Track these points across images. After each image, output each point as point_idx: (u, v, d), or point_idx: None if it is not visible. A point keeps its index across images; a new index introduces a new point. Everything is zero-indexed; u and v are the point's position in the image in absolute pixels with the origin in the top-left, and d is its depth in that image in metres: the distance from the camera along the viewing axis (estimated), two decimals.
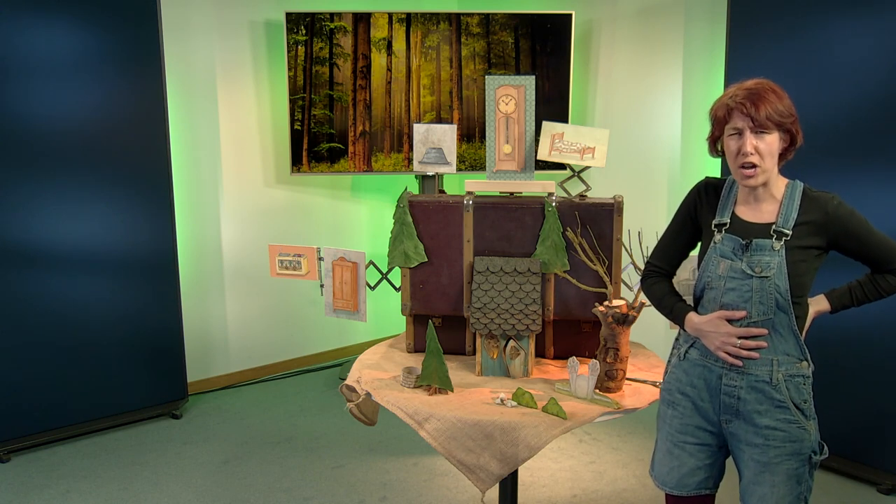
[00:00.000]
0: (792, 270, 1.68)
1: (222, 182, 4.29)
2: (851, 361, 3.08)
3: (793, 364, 1.71)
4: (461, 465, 1.95)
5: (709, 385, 1.78)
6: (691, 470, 1.82)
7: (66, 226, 3.42)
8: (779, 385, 1.70)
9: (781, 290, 1.68)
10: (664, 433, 1.88)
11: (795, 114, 1.70)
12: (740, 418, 1.73)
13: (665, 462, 1.86)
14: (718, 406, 1.76)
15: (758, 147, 1.67)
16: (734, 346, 1.71)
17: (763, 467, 1.71)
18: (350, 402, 2.19)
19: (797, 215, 1.71)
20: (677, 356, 1.87)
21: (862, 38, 2.93)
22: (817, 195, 1.73)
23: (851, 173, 3.00)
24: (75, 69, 3.37)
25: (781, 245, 1.69)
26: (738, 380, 1.73)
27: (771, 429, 1.70)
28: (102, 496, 3.07)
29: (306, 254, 2.59)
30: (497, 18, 4.21)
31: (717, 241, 1.78)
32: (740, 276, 1.71)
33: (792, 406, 1.69)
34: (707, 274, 1.80)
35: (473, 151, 4.30)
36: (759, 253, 1.70)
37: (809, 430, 1.71)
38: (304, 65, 4.13)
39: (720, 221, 1.79)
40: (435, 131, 2.52)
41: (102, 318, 3.57)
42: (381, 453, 3.47)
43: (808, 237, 1.70)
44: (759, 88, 1.68)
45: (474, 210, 2.36)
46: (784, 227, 1.70)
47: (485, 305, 2.23)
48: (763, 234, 1.72)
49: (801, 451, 1.70)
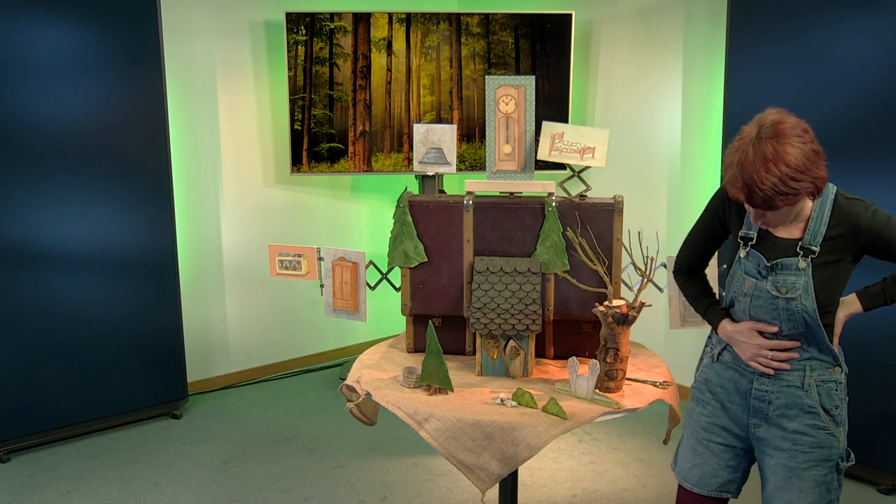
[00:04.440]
0: (820, 288, 1.63)
1: (222, 182, 4.29)
2: (851, 362, 3.06)
3: (826, 369, 1.69)
4: (461, 465, 1.95)
5: (739, 388, 1.76)
6: (714, 470, 1.81)
7: (66, 226, 3.42)
8: (810, 390, 1.67)
9: (809, 311, 1.64)
10: (690, 429, 1.87)
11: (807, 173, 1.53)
12: (769, 423, 1.72)
13: (688, 458, 1.86)
14: (748, 410, 1.75)
15: (767, 218, 1.62)
16: (766, 358, 1.69)
17: (791, 472, 1.68)
18: (350, 402, 2.19)
19: (826, 229, 1.64)
20: (710, 357, 1.85)
21: (862, 37, 2.93)
22: (850, 204, 1.65)
23: (851, 173, 3.00)
24: (75, 69, 3.37)
25: (808, 263, 1.64)
26: (769, 384, 1.71)
27: (800, 434, 1.67)
28: (102, 496, 3.07)
29: (306, 254, 2.59)
30: (497, 18, 4.21)
31: (741, 257, 1.74)
32: (766, 296, 1.68)
33: (822, 411, 1.67)
34: (734, 288, 1.77)
35: (473, 151, 4.30)
36: (784, 273, 1.66)
37: (839, 437, 1.69)
38: (304, 65, 4.13)
39: (746, 234, 1.74)
40: (435, 131, 2.52)
41: (102, 318, 3.57)
42: (381, 453, 3.47)
43: (837, 251, 1.64)
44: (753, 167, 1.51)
45: (474, 210, 2.36)
46: (811, 244, 1.64)
47: (485, 305, 2.23)
48: (790, 251, 1.66)
49: (829, 458, 1.68)
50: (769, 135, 1.54)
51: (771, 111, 1.60)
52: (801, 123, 1.58)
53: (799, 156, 1.52)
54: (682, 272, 1.96)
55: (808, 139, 1.55)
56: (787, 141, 1.53)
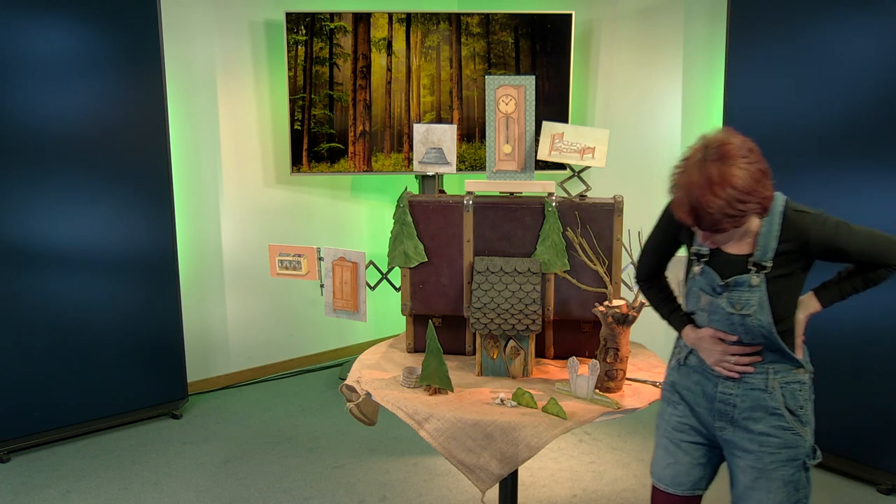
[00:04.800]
0: (775, 301, 1.65)
1: (222, 182, 4.29)
2: (851, 362, 3.08)
3: (788, 371, 1.70)
4: (461, 465, 1.95)
5: (705, 392, 1.77)
6: (687, 468, 1.83)
7: (66, 226, 3.42)
8: (774, 392, 1.69)
9: (764, 324, 1.65)
10: (662, 430, 1.88)
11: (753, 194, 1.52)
12: (735, 425, 1.73)
13: (662, 458, 1.87)
14: (714, 413, 1.76)
15: (716, 238, 1.63)
16: (729, 363, 1.71)
17: (759, 473, 1.70)
18: (350, 402, 2.19)
19: (777, 244, 1.64)
20: (677, 360, 1.87)
21: (862, 37, 2.93)
22: (799, 218, 1.64)
23: (851, 173, 3.00)
24: (75, 69, 3.37)
25: (761, 279, 1.64)
26: (733, 388, 1.72)
27: (766, 435, 1.69)
28: (102, 496, 3.07)
29: (306, 254, 2.59)
30: (497, 18, 4.21)
31: (695, 274, 1.75)
32: (722, 312, 1.70)
33: (786, 412, 1.68)
34: (691, 304, 1.80)
35: (473, 151, 4.30)
36: (738, 290, 1.66)
37: (805, 436, 1.70)
38: (304, 65, 4.13)
39: (699, 251, 1.74)
40: (435, 131, 2.52)
41: (102, 318, 3.57)
42: (381, 453, 3.47)
43: (789, 264, 1.65)
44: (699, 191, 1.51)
45: (474, 210, 2.36)
46: (763, 260, 1.64)
47: (485, 305, 2.23)
48: (742, 267, 1.67)
49: (796, 458, 1.69)
50: (714, 157, 1.54)
51: (717, 132, 1.60)
52: (746, 143, 1.57)
53: (745, 177, 1.52)
54: (643, 280, 1.97)
55: (753, 159, 1.55)
56: (733, 163, 1.52)
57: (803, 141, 3.14)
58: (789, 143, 3.18)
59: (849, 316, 3.06)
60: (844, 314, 3.07)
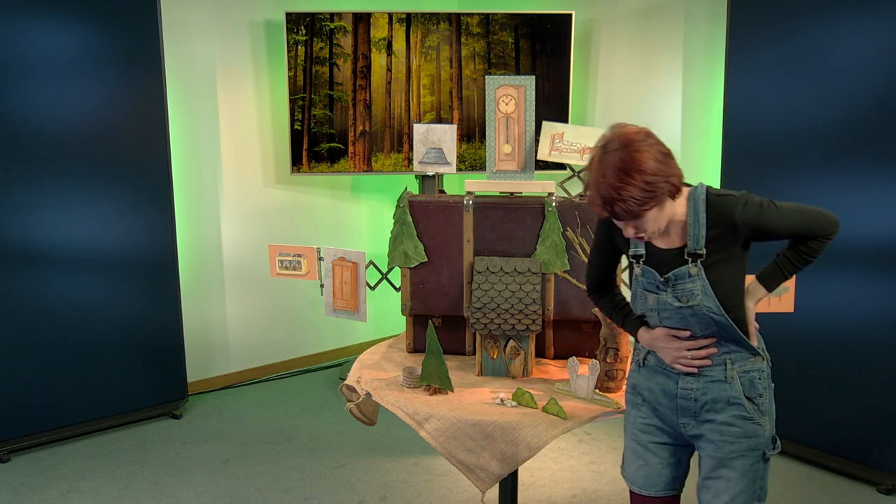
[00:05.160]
0: (718, 288, 1.66)
1: (222, 182, 4.29)
2: (851, 361, 3.08)
3: (746, 360, 1.72)
4: (461, 465, 1.95)
5: (666, 391, 1.78)
6: (657, 470, 1.83)
7: (66, 226, 3.42)
8: (733, 382, 1.70)
9: (714, 310, 1.67)
10: (629, 432, 1.89)
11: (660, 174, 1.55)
12: (699, 419, 1.74)
13: (632, 461, 1.88)
14: (677, 410, 1.77)
15: (636, 227, 1.64)
16: (686, 359, 1.72)
17: (718, 462, 1.72)
18: (350, 402, 2.19)
19: (706, 231, 1.66)
20: (636, 363, 1.88)
21: (862, 37, 2.93)
22: (722, 201, 1.65)
23: (851, 172, 3.00)
24: (75, 69, 3.37)
25: (699, 267, 1.67)
26: (693, 383, 1.73)
27: (727, 425, 1.70)
28: (102, 496, 3.07)
29: (306, 254, 2.59)
30: (497, 18, 4.21)
31: (638, 275, 1.78)
32: (670, 308, 1.72)
33: (746, 401, 1.70)
34: (638, 306, 1.81)
35: (473, 151, 4.30)
36: (680, 283, 1.69)
37: (764, 426, 1.71)
38: (304, 65, 4.13)
39: (636, 252, 1.77)
40: (435, 131, 2.52)
41: (102, 318, 3.57)
42: (381, 453, 3.47)
43: (724, 248, 1.67)
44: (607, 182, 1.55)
45: (474, 210, 2.36)
46: (696, 249, 1.66)
47: (485, 305, 2.23)
48: (679, 260, 1.69)
49: (756, 447, 1.71)
50: (615, 146, 1.57)
51: (613, 126, 1.63)
52: (642, 129, 1.61)
53: (649, 159, 1.55)
54: (593, 290, 1.98)
55: (652, 141, 1.59)
56: (634, 147, 1.56)
57: (803, 141, 3.14)
58: (789, 143, 3.18)
59: (849, 316, 3.06)
60: (844, 314, 3.07)
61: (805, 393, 3.24)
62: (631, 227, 1.65)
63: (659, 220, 1.63)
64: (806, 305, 3.00)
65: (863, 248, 2.98)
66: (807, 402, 3.24)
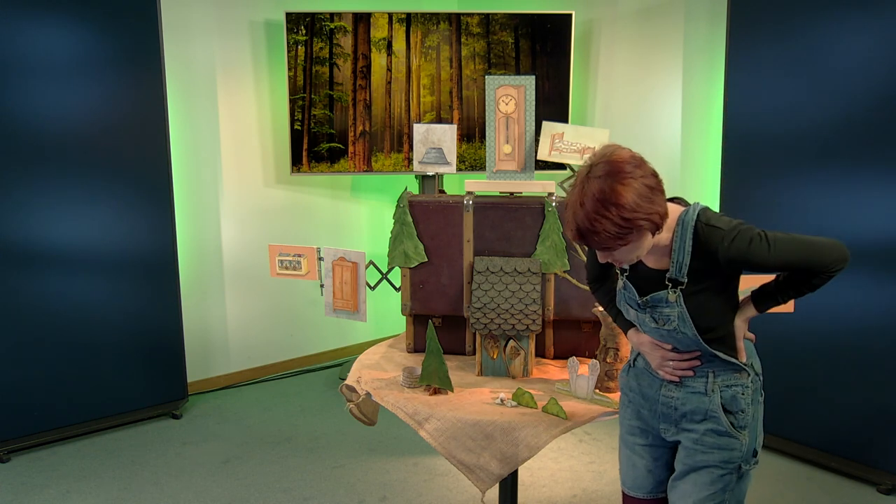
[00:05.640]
0: (697, 316, 1.61)
1: (222, 182, 4.29)
2: (852, 361, 3.08)
3: (730, 374, 1.68)
4: (461, 465, 1.95)
5: (649, 395, 1.77)
6: (644, 472, 1.83)
7: (66, 226, 3.42)
8: (713, 395, 1.67)
9: (690, 336, 1.63)
10: (621, 434, 1.90)
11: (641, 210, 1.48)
12: (678, 427, 1.73)
13: (624, 462, 1.89)
14: (658, 415, 1.76)
15: (612, 256, 1.58)
16: (669, 368, 1.70)
17: (688, 469, 1.71)
18: (350, 402, 2.19)
19: (690, 260, 1.59)
20: (629, 362, 1.87)
21: (862, 37, 2.93)
22: (709, 234, 1.56)
23: (851, 173, 3.00)
24: (75, 69, 3.37)
25: (678, 295, 1.61)
26: (675, 391, 1.72)
27: (702, 435, 1.69)
28: (102, 496, 3.07)
29: (306, 254, 2.59)
30: (497, 18, 4.21)
31: (620, 288, 1.75)
32: (649, 326, 1.70)
33: (723, 415, 1.66)
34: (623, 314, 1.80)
35: (473, 151, 4.30)
36: (658, 306, 1.65)
37: (741, 440, 1.67)
38: (304, 65, 4.13)
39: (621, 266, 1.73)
40: (435, 131, 2.52)
41: (102, 318, 3.57)
42: (381, 453, 3.47)
43: (706, 279, 1.60)
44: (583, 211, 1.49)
45: (474, 210, 2.36)
46: (678, 276, 1.60)
47: (485, 305, 2.23)
48: (661, 282, 1.63)
49: (730, 460, 1.67)
50: (599, 172, 1.49)
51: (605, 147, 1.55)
52: (634, 158, 1.51)
53: (631, 195, 1.47)
54: (592, 283, 1.96)
55: (640, 173, 1.49)
56: (618, 178, 1.48)
57: (803, 141, 3.14)
58: (789, 143, 3.18)
59: (849, 316, 3.06)
60: (844, 314, 3.07)
61: (805, 393, 3.24)
62: (608, 258, 1.60)
63: (636, 251, 1.57)
64: (806, 305, 3.00)
65: (863, 248, 2.98)
66: (807, 401, 3.24)
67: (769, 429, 3.40)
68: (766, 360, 3.50)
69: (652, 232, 1.54)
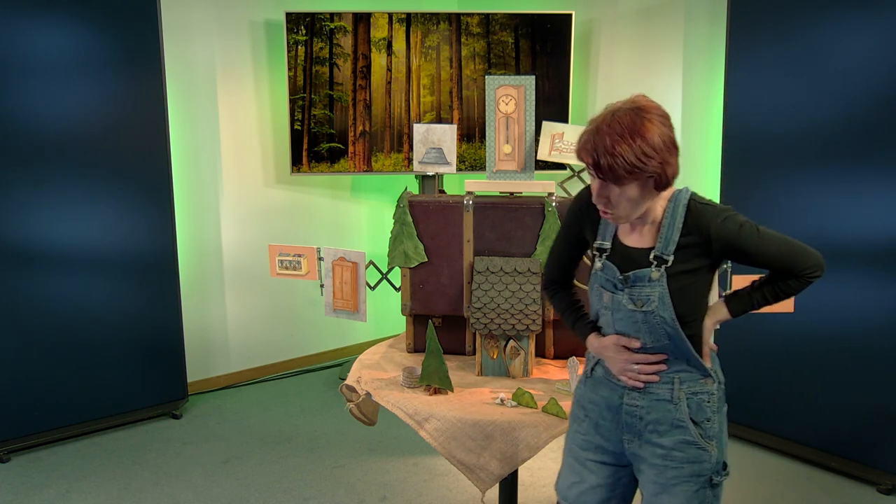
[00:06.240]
0: (677, 299, 1.57)
1: (222, 182, 4.29)
2: (851, 361, 3.08)
3: (696, 381, 1.63)
4: (461, 465, 1.95)
5: (610, 404, 1.70)
6: (591, 487, 1.75)
7: (66, 226, 3.42)
8: (679, 403, 1.62)
9: (668, 321, 1.58)
10: (568, 447, 1.81)
11: (661, 152, 1.50)
12: (642, 439, 1.66)
13: (567, 476, 1.80)
14: (620, 426, 1.69)
15: (609, 196, 1.55)
16: (633, 372, 1.65)
17: (661, 488, 1.64)
18: (350, 402, 2.19)
19: (679, 236, 1.57)
20: (584, 373, 1.80)
21: (862, 37, 2.93)
22: (702, 210, 1.58)
23: (851, 173, 3.00)
24: (75, 69, 3.37)
25: (662, 273, 1.58)
26: (639, 399, 1.65)
27: (670, 449, 1.63)
28: (102, 496, 3.07)
29: (306, 254, 2.59)
30: (497, 18, 4.21)
31: (597, 270, 1.69)
32: (624, 309, 1.63)
33: (691, 425, 1.62)
34: (594, 302, 1.73)
35: (473, 151, 4.30)
36: (638, 285, 1.60)
37: (710, 451, 1.63)
38: (304, 65, 4.13)
39: (601, 246, 1.69)
40: (435, 131, 2.52)
41: (102, 318, 3.57)
42: (381, 453, 3.47)
43: (692, 259, 1.58)
44: (608, 138, 1.49)
45: (474, 210, 2.36)
46: (664, 253, 1.58)
47: (485, 305, 2.23)
48: (644, 261, 1.60)
49: (700, 473, 1.62)
50: (631, 107, 1.53)
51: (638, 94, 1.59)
52: (662, 108, 1.56)
53: (656, 134, 1.50)
54: (550, 286, 1.91)
55: (668, 125, 1.54)
56: (648, 118, 1.51)
57: (803, 141, 3.14)
58: (789, 143, 3.18)
59: (849, 316, 3.06)
60: (844, 314, 3.07)
61: (805, 393, 3.24)
62: (604, 198, 1.56)
63: (635, 204, 1.55)
64: (806, 305, 3.00)
65: (863, 248, 2.98)
66: (807, 401, 3.24)
67: (769, 429, 3.41)
68: (766, 360, 3.51)
69: (657, 186, 1.54)
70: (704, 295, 1.65)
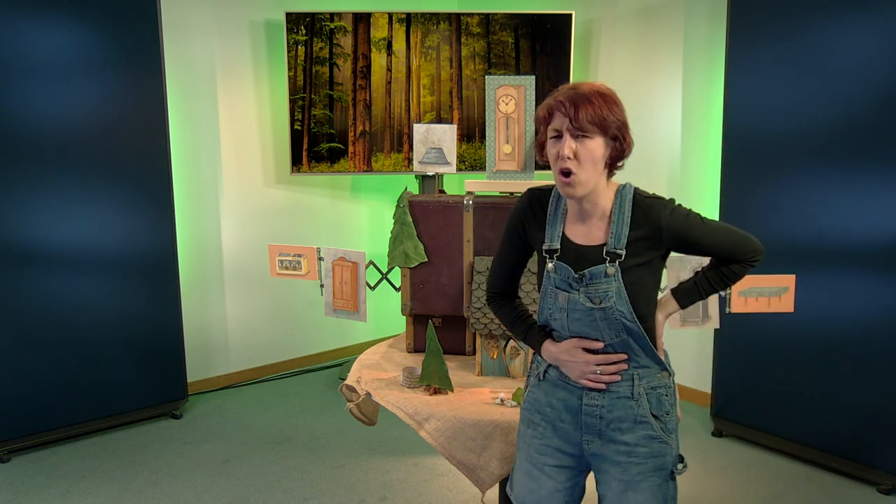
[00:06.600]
0: (632, 292, 1.59)
1: (222, 182, 4.29)
2: (851, 361, 3.08)
3: (654, 376, 1.65)
4: (461, 465, 1.95)
5: (569, 406, 1.69)
6: (550, 493, 1.74)
7: (66, 226, 3.42)
8: (640, 399, 1.63)
9: (626, 315, 1.59)
10: (524, 452, 1.78)
11: (625, 121, 1.59)
12: (603, 438, 1.66)
13: (524, 483, 1.77)
14: (580, 427, 1.68)
15: (578, 152, 1.55)
16: (594, 374, 1.64)
17: (626, 485, 1.64)
18: (350, 402, 2.19)
19: (629, 231, 1.59)
20: (536, 376, 1.78)
21: (862, 37, 2.93)
22: (649, 203, 1.60)
23: (851, 173, 3.00)
24: (75, 69, 3.37)
25: (616, 269, 1.59)
26: (599, 399, 1.65)
27: (633, 445, 1.63)
28: (102, 496, 3.07)
29: (306, 254, 2.59)
30: (497, 18, 4.21)
31: (550, 271, 1.67)
32: (582, 308, 1.62)
33: (653, 420, 1.63)
34: (547, 305, 1.70)
35: (473, 151, 4.30)
36: (594, 282, 1.60)
37: (671, 444, 1.65)
38: (304, 65, 4.13)
39: (550, 247, 1.67)
40: (435, 131, 2.52)
41: (102, 318, 3.57)
42: (381, 453, 3.47)
43: (643, 252, 1.60)
44: (586, 91, 1.57)
45: (474, 210, 2.36)
46: (616, 248, 1.59)
47: (485, 305, 2.23)
48: (596, 258, 1.61)
49: (663, 467, 1.64)
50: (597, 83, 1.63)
51: None
52: None
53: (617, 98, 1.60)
54: (494, 299, 1.87)
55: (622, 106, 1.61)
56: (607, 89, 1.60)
57: (803, 141, 3.14)
58: (789, 143, 3.18)
59: (849, 316, 3.06)
60: (844, 314, 3.07)
61: (805, 393, 3.24)
62: (571, 146, 1.56)
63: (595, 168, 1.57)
64: (806, 305, 3.01)
65: (863, 248, 2.98)
66: (807, 401, 3.24)
67: (769, 429, 3.42)
68: (766, 360, 3.51)
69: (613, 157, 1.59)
70: (656, 287, 1.67)
